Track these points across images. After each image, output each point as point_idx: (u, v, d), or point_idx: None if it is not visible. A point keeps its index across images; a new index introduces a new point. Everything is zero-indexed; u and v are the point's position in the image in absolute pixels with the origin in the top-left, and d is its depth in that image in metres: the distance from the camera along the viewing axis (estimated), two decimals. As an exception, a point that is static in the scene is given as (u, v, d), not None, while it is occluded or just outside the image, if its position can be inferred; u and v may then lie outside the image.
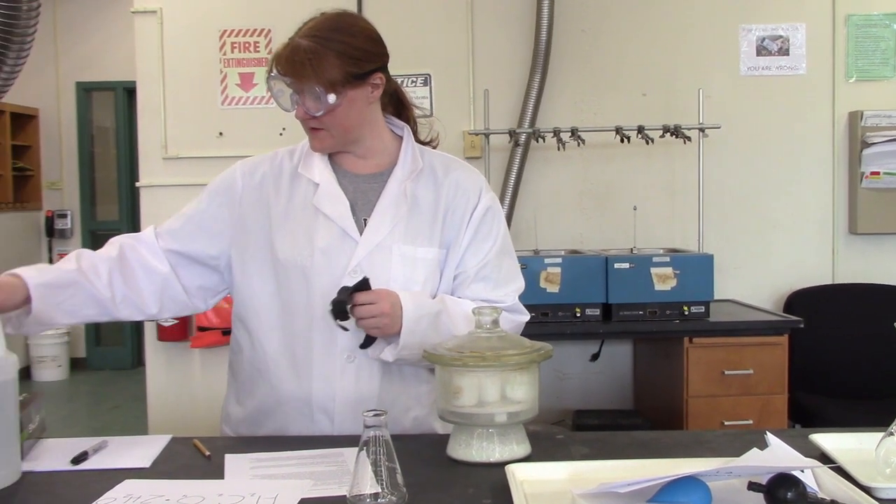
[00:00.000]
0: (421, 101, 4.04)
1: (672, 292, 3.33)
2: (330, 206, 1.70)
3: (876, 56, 4.03)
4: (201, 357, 4.10)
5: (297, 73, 1.61)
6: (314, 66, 1.60)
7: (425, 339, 1.59)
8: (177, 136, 4.09)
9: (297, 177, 1.75)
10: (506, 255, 1.79)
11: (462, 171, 1.79)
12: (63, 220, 7.26)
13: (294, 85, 1.62)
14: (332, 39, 1.63)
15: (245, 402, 1.78)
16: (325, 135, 1.68)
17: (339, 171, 1.75)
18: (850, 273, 4.03)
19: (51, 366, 6.95)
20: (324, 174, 1.73)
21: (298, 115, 1.66)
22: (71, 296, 1.64)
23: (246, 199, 1.75)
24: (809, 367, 3.71)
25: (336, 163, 1.76)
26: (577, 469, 1.34)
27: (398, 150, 1.78)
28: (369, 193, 1.73)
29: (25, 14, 3.48)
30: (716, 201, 3.98)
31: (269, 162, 1.79)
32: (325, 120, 1.65)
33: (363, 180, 1.75)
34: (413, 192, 1.73)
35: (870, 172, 3.94)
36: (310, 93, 1.62)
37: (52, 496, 1.34)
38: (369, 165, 1.76)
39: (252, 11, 4.08)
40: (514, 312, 1.77)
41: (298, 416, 1.69)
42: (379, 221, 1.69)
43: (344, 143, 1.72)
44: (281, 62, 1.62)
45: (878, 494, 1.21)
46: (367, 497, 1.16)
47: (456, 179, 1.77)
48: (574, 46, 4.03)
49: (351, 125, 1.69)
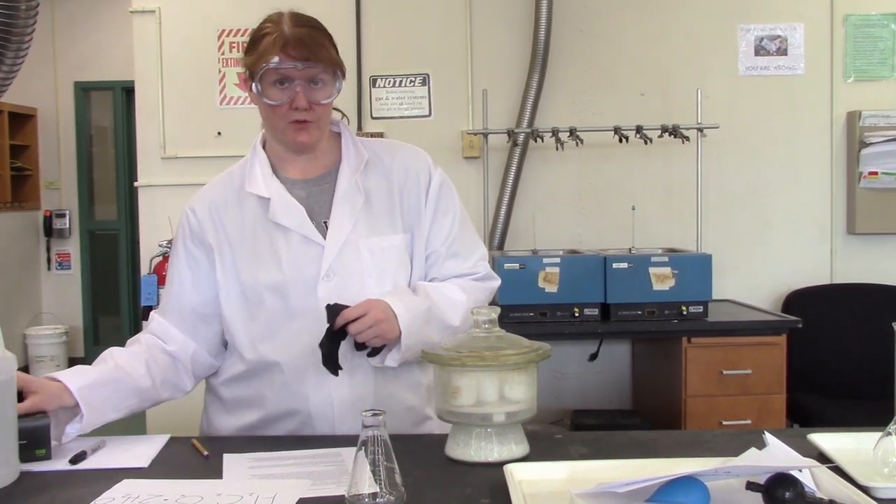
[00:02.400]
0: (419, 102, 4.05)
1: (670, 292, 3.33)
2: (287, 217, 1.67)
3: (874, 56, 4.03)
4: (200, 357, 4.09)
5: (318, 57, 1.60)
6: (327, 49, 1.61)
7: (421, 336, 1.60)
8: (175, 136, 4.10)
9: (245, 196, 1.71)
10: (466, 225, 1.80)
11: (407, 153, 1.79)
12: (61, 220, 7.25)
13: (306, 72, 1.60)
14: (322, 29, 1.65)
15: (239, 416, 1.75)
16: (314, 127, 1.65)
17: (286, 181, 1.72)
18: (848, 273, 4.04)
19: (49, 365, 6.93)
20: (272, 187, 1.70)
21: (300, 104, 1.61)
22: (114, 391, 1.64)
23: (206, 232, 1.72)
24: (808, 367, 3.72)
25: (280, 173, 1.73)
26: (575, 469, 1.34)
27: (339, 147, 1.76)
28: (321, 196, 1.71)
29: (24, 13, 3.47)
30: (714, 201, 3.98)
31: (213, 190, 1.76)
32: (320, 110, 1.64)
33: (312, 184, 1.72)
34: (364, 183, 1.72)
35: (868, 172, 3.95)
36: (321, 79, 1.61)
37: (51, 496, 1.33)
38: (316, 168, 1.73)
39: (251, 11, 4.03)
40: (488, 280, 1.80)
41: (300, 427, 1.68)
42: (339, 220, 1.68)
43: (320, 138, 1.70)
44: (295, 48, 1.59)
45: (876, 494, 1.21)
46: (365, 497, 1.16)
47: (403, 162, 1.76)
48: (572, 46, 4.04)
49: (329, 117, 1.70)
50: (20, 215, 7.06)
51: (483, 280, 1.79)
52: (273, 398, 1.69)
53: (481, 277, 1.78)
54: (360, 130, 4.04)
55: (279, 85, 1.62)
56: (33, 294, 7.22)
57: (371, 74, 4.07)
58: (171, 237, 4.02)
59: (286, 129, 1.65)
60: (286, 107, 1.62)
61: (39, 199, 7.28)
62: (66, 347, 7.09)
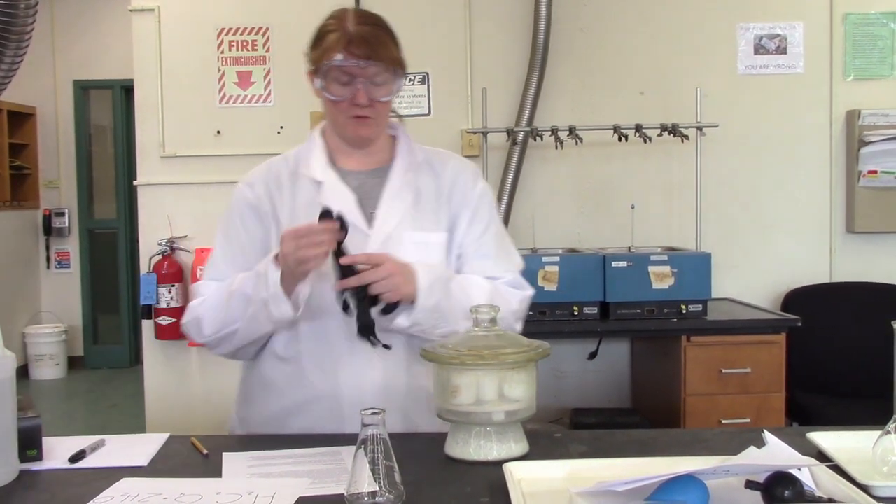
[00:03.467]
0: (419, 101, 4.05)
1: (670, 291, 3.33)
2: (337, 201, 1.68)
3: (874, 55, 4.03)
4: (199, 355, 4.10)
5: (380, 56, 1.64)
6: (389, 48, 1.65)
7: (440, 303, 1.60)
8: (174, 135, 4.09)
9: (298, 178, 1.76)
10: (501, 236, 1.83)
11: (457, 161, 1.85)
12: (61, 219, 7.25)
13: (368, 70, 1.64)
14: (386, 27, 1.69)
15: (267, 404, 1.75)
16: (374, 123, 1.71)
17: (341, 170, 1.76)
18: (847, 272, 4.04)
19: (48, 364, 6.95)
20: (326, 172, 1.75)
21: (361, 101, 1.65)
22: None
23: (260, 205, 1.75)
24: (807, 366, 3.72)
25: (335, 162, 1.77)
26: (574, 468, 1.34)
27: (393, 148, 1.81)
28: (373, 189, 1.74)
29: (23, 12, 3.47)
30: (713, 200, 3.98)
31: (264, 171, 1.80)
32: (380, 107, 1.68)
33: (366, 175, 1.77)
34: (415, 182, 1.76)
35: (867, 171, 3.94)
36: (382, 77, 1.65)
37: (50, 495, 1.33)
38: (369, 162, 1.78)
39: (250, 10, 4.08)
40: (519, 287, 1.78)
41: (327, 414, 1.67)
42: (387, 212, 1.71)
43: (379, 134, 1.75)
44: (358, 46, 1.63)
45: (875, 493, 1.21)
46: (364, 495, 1.16)
47: (454, 168, 1.81)
48: (572, 45, 4.03)
49: (388, 114, 1.75)
50: (19, 214, 7.06)
51: (513, 285, 1.77)
52: (305, 382, 1.69)
53: (510, 282, 1.77)
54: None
55: (342, 81, 1.66)
56: (32, 293, 7.22)
57: (370, 73, 4.06)
58: (171, 236, 4.05)
59: (347, 123, 1.71)
60: (347, 103, 1.67)
61: (39, 198, 7.28)
62: (65, 346, 7.10)
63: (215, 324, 1.70)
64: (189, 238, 4.09)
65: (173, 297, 4.03)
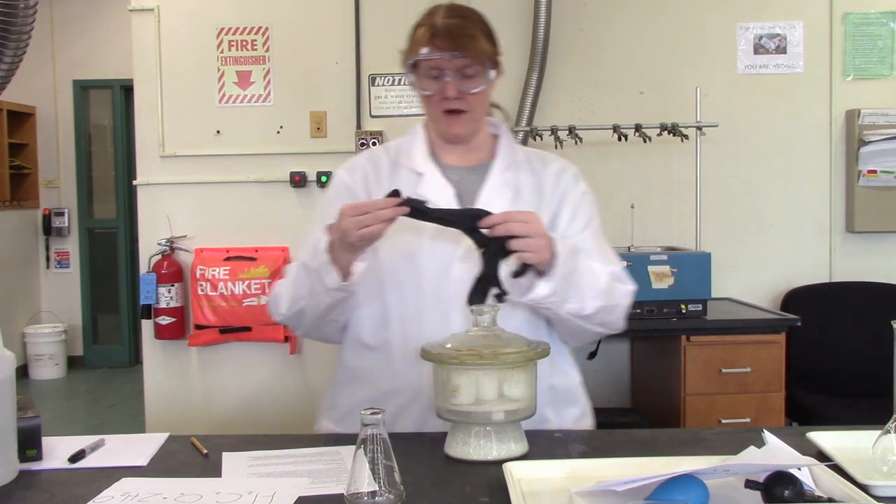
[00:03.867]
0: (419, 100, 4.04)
1: (669, 290, 3.33)
2: (435, 194, 1.68)
3: (873, 54, 4.03)
4: (199, 355, 4.10)
5: (465, 47, 1.63)
6: (478, 40, 1.64)
7: (571, 279, 1.55)
8: (174, 135, 4.09)
9: (398, 168, 1.77)
10: (599, 236, 1.78)
11: (559, 163, 1.82)
12: (60, 219, 7.25)
13: (454, 62, 1.63)
14: (477, 20, 1.69)
15: (353, 393, 1.74)
16: (467, 118, 1.70)
17: (440, 164, 1.77)
18: (847, 271, 4.04)
19: (48, 364, 6.95)
20: (427, 165, 1.75)
21: (450, 94, 1.65)
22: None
23: (357, 192, 1.76)
24: (807, 365, 3.72)
25: (436, 156, 1.78)
26: (574, 467, 1.34)
27: (494, 146, 1.80)
28: (472, 185, 1.74)
29: (23, 12, 3.47)
30: (713, 199, 3.98)
31: (366, 159, 1.81)
32: (472, 100, 1.67)
33: (466, 171, 1.76)
34: (514, 182, 1.75)
35: (867, 171, 3.94)
36: (472, 68, 1.64)
37: (50, 494, 1.33)
38: (470, 159, 1.78)
39: (249, 9, 4.08)
40: (622, 281, 1.71)
41: (414, 405, 1.66)
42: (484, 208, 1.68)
43: (475, 130, 1.74)
44: (443, 39, 1.63)
45: (874, 492, 1.21)
46: (364, 495, 1.16)
47: (554, 169, 1.79)
48: (572, 45, 4.03)
49: (485, 109, 1.74)
50: (19, 214, 7.06)
51: (615, 277, 1.70)
52: (393, 371, 1.68)
53: (614, 274, 1.70)
54: (358, 129, 4.04)
55: (431, 76, 1.66)
56: (32, 292, 7.22)
57: (370, 73, 4.06)
58: (170, 236, 4.05)
59: (440, 119, 1.71)
60: (438, 96, 1.67)
61: (38, 198, 7.28)
62: (65, 346, 7.09)
63: (288, 301, 1.70)
64: (189, 238, 4.09)
65: (173, 296, 4.03)
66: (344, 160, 1.89)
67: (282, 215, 4.07)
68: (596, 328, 1.66)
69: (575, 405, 1.77)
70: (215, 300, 3.98)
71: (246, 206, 4.09)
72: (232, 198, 4.08)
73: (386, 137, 4.01)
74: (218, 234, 4.08)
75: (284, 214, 4.07)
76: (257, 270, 3.99)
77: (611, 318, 1.65)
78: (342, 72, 4.08)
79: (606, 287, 1.63)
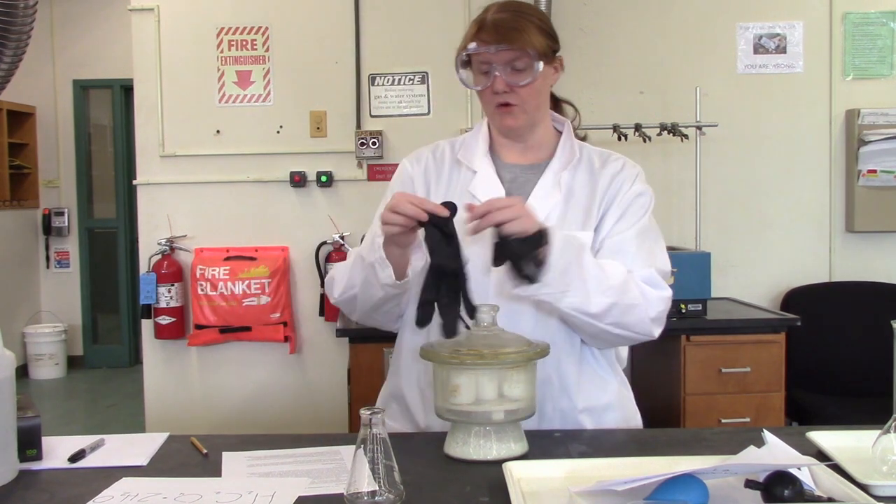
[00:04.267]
0: (419, 100, 4.05)
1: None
2: (485, 192, 1.69)
3: (873, 54, 4.03)
4: (198, 355, 4.10)
5: (511, 40, 1.62)
6: (526, 33, 1.63)
7: (570, 272, 1.52)
8: (174, 134, 4.09)
9: (457, 165, 1.78)
10: (648, 236, 1.74)
11: (618, 162, 1.79)
12: (60, 219, 7.25)
13: (502, 55, 1.63)
14: (529, 14, 1.67)
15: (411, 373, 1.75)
16: (519, 111, 1.69)
17: (498, 162, 1.77)
18: (847, 271, 4.04)
19: (48, 364, 6.95)
20: (483, 162, 1.76)
21: (498, 87, 1.65)
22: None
23: (416, 185, 1.77)
24: (806, 365, 3.72)
25: (496, 153, 1.78)
26: (574, 467, 1.34)
27: (556, 144, 1.79)
28: (526, 185, 1.74)
29: (22, 12, 3.47)
30: (713, 199, 3.98)
31: (430, 152, 1.83)
32: (523, 93, 1.66)
33: (521, 170, 1.76)
34: (569, 182, 1.73)
35: (867, 170, 3.95)
36: (522, 61, 1.63)
37: (50, 494, 1.33)
38: (529, 157, 1.77)
39: (249, 9, 4.08)
40: (653, 284, 1.65)
41: None
42: (534, 208, 1.65)
43: (530, 124, 1.73)
44: (489, 32, 1.63)
45: (874, 492, 1.21)
46: (364, 495, 1.16)
47: (613, 170, 1.77)
48: (571, 44, 4.03)
49: (539, 103, 1.72)
50: (19, 213, 7.06)
51: (644, 280, 1.64)
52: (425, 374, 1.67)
53: (643, 278, 1.65)
54: (358, 129, 4.04)
55: (482, 70, 1.67)
56: (32, 292, 7.22)
57: (370, 73, 4.06)
58: (170, 236, 4.05)
59: (493, 114, 1.71)
60: (489, 91, 1.67)
61: (38, 198, 7.28)
62: (65, 346, 7.09)
63: (342, 286, 1.70)
64: (189, 237, 4.09)
65: (173, 296, 4.03)
66: (344, 160, 1.89)
67: (282, 215, 4.07)
68: (613, 329, 1.60)
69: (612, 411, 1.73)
70: (215, 300, 3.98)
71: (246, 205, 4.09)
72: (232, 198, 4.08)
73: (386, 137, 4.01)
74: (218, 233, 4.08)
75: (284, 214, 4.08)
76: (257, 270, 3.99)
77: (629, 319, 1.59)
78: (342, 72, 4.08)
79: (619, 285, 1.58)
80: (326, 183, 4.00)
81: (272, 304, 3.97)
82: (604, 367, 1.76)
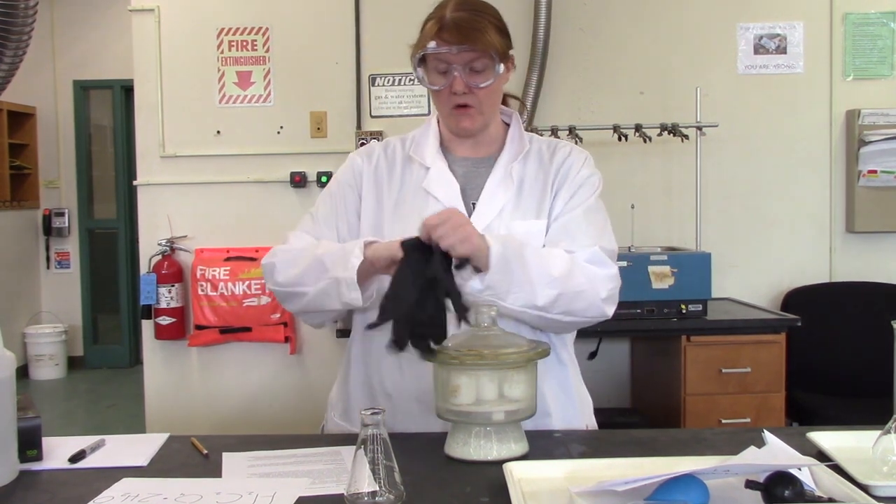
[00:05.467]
0: (418, 100, 4.05)
1: (670, 290, 3.33)
2: (440, 189, 1.69)
3: (873, 54, 4.03)
4: (199, 355, 4.10)
5: (473, 40, 1.60)
6: (487, 34, 1.61)
7: (511, 271, 1.52)
8: (174, 135, 4.09)
9: (409, 162, 1.77)
10: (595, 217, 1.73)
11: (566, 148, 1.79)
12: (61, 219, 7.25)
13: (462, 56, 1.62)
14: (486, 13, 1.65)
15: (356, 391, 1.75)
16: (476, 112, 1.68)
17: (450, 157, 1.77)
18: (847, 271, 4.04)
19: (48, 364, 6.95)
20: (435, 159, 1.75)
21: (457, 88, 1.64)
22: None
23: (365, 181, 1.76)
24: (807, 366, 3.72)
25: (447, 149, 1.78)
26: (574, 467, 1.34)
27: (505, 137, 1.79)
28: (478, 178, 1.74)
29: (23, 12, 3.47)
30: (713, 199, 3.98)
31: (382, 149, 1.81)
32: (481, 94, 1.66)
33: (473, 164, 1.76)
34: (520, 173, 1.73)
35: (867, 171, 3.95)
36: (481, 62, 1.62)
37: (50, 494, 1.33)
38: (480, 151, 1.77)
39: (250, 10, 4.08)
40: (598, 263, 1.65)
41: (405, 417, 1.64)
42: (487, 204, 1.69)
43: (484, 124, 1.73)
44: (450, 32, 1.61)
45: (875, 492, 1.21)
46: (364, 495, 1.16)
47: (561, 156, 1.77)
48: (572, 45, 4.03)
49: (495, 103, 1.72)
50: (19, 214, 7.06)
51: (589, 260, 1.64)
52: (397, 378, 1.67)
53: (587, 258, 1.64)
54: (358, 129, 4.04)
55: (440, 70, 1.66)
56: (32, 293, 7.22)
57: (370, 73, 4.07)
58: (170, 236, 4.05)
59: (450, 114, 1.70)
60: (447, 91, 1.66)
61: (39, 198, 7.28)
62: (65, 346, 7.09)
63: (288, 277, 1.66)
64: (189, 238, 4.09)
65: (173, 296, 4.03)
66: (344, 160, 1.88)
67: (282, 215, 4.07)
68: (564, 318, 1.59)
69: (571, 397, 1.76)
70: (215, 300, 3.98)
71: (246, 206, 4.09)
72: (232, 198, 4.08)
73: (386, 137, 4.00)
74: (218, 234, 4.08)
75: (285, 214, 4.07)
76: (257, 271, 3.98)
77: (578, 305, 1.59)
78: (342, 72, 4.08)
79: (562, 274, 1.57)
80: (327, 183, 3.99)
81: (272, 304, 3.97)
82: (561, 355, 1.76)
